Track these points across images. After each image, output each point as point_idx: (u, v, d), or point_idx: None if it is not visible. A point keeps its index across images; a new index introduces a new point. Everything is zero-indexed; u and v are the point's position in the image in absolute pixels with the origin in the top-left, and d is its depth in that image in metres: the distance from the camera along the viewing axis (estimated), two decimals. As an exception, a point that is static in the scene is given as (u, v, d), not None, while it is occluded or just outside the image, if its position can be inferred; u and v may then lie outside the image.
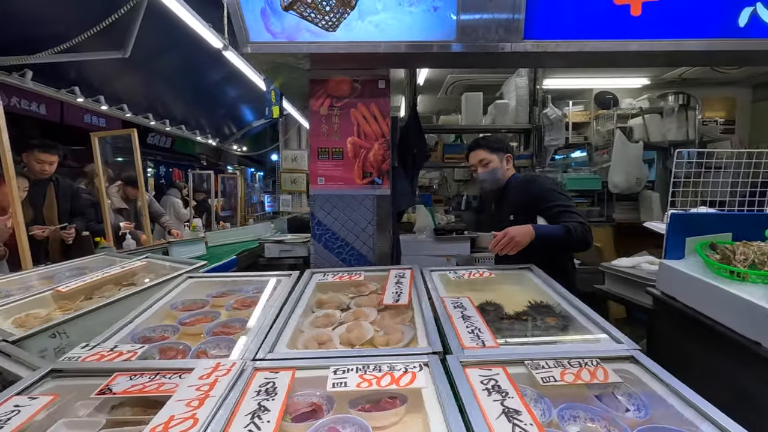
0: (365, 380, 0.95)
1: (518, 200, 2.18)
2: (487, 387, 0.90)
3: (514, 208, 2.20)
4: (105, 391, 0.92)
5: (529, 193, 2.15)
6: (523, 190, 2.19)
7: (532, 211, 2.15)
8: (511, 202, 2.22)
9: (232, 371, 0.97)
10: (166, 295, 1.54)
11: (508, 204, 2.24)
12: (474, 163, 2.24)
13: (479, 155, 2.22)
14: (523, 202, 2.16)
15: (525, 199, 2.15)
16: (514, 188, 2.23)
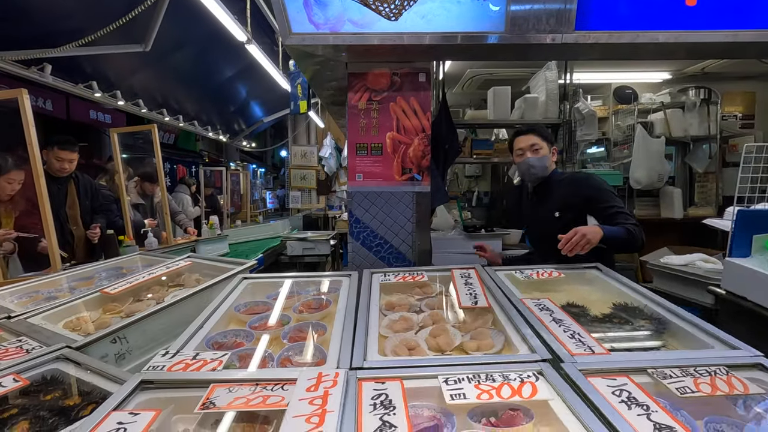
0: (484, 391, 0.89)
1: (568, 197, 2.09)
2: (622, 399, 0.84)
3: (561, 205, 2.11)
4: (207, 405, 0.85)
5: (582, 191, 2.06)
6: (574, 187, 2.11)
7: (580, 210, 2.08)
8: (558, 198, 2.13)
9: (339, 383, 0.90)
10: (227, 298, 1.46)
11: (552, 200, 2.15)
12: (524, 147, 2.12)
13: (531, 139, 2.12)
14: (574, 199, 2.07)
15: (577, 197, 2.06)
16: (561, 184, 2.16)
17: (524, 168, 2.15)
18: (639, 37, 2.16)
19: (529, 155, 2.10)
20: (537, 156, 2.10)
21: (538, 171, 2.13)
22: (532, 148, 2.10)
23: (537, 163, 2.11)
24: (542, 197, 2.21)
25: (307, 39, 2.21)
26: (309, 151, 7.85)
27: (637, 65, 5.04)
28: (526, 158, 2.11)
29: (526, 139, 2.13)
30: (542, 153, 2.11)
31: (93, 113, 7.13)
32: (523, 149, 2.12)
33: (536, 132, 2.14)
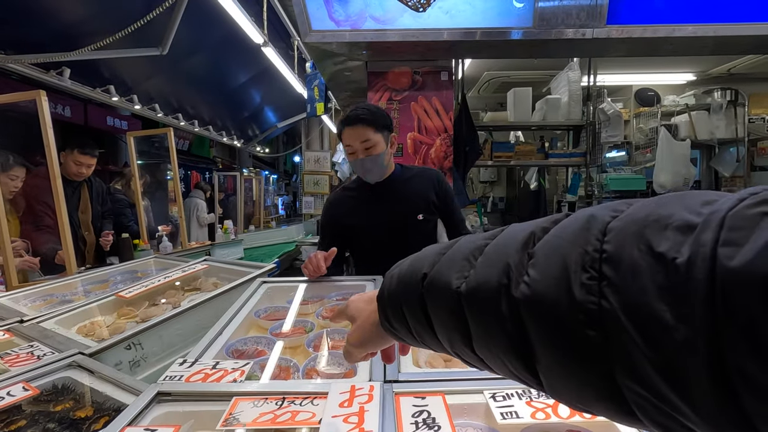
0: (539, 410, 0.79)
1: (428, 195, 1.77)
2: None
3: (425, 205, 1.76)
4: (231, 421, 0.76)
5: (439, 191, 1.78)
6: (427, 185, 1.79)
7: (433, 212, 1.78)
8: (415, 197, 1.76)
9: (375, 397, 0.81)
10: (246, 303, 1.39)
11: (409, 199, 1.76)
12: (354, 145, 1.64)
13: (362, 133, 1.62)
14: (429, 200, 1.76)
15: (431, 198, 1.76)
16: (413, 180, 1.79)
17: (358, 169, 1.73)
18: (676, 31, 2.06)
19: (361, 154, 1.64)
20: (372, 154, 1.64)
21: (377, 172, 1.71)
22: (364, 145, 1.63)
23: (372, 165, 1.67)
24: (391, 197, 1.77)
25: (327, 36, 2.16)
26: (322, 157, 7.82)
27: (660, 66, 4.91)
28: (358, 158, 1.66)
29: (353, 133, 1.63)
30: (378, 150, 1.64)
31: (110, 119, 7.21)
32: (353, 147, 1.65)
33: (366, 122, 1.62)
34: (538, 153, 3.44)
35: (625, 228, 0.28)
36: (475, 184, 7.63)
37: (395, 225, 1.75)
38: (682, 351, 0.23)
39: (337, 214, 1.84)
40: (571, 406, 0.33)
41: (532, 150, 3.44)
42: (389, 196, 1.77)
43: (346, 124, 1.66)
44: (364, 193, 1.80)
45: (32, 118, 2.39)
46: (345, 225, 1.82)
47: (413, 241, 1.67)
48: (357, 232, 1.81)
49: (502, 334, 0.34)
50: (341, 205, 1.85)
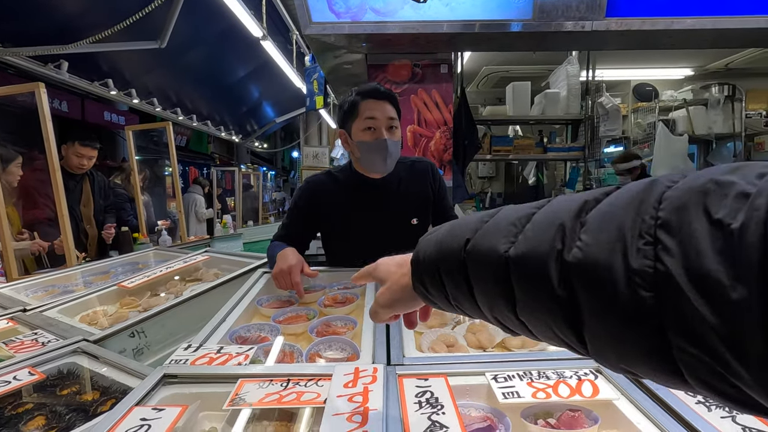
0: (539, 390, 0.80)
1: (421, 193, 1.59)
2: (699, 400, 0.75)
3: (417, 206, 1.58)
4: (237, 401, 0.78)
5: (436, 184, 1.61)
6: (425, 178, 1.60)
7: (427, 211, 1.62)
8: (410, 196, 1.57)
9: (378, 378, 0.83)
10: (248, 292, 1.40)
11: (402, 199, 1.56)
12: (380, 119, 1.41)
13: (389, 110, 1.42)
14: (426, 196, 1.59)
15: (431, 192, 1.60)
16: (409, 175, 1.59)
17: (376, 151, 1.42)
18: (674, 24, 2.07)
19: (386, 134, 1.41)
20: (395, 138, 1.44)
21: (394, 160, 1.49)
22: (391, 123, 1.42)
23: (395, 150, 1.45)
24: (383, 196, 1.55)
25: (327, 28, 2.16)
26: (321, 152, 7.81)
27: (658, 61, 4.92)
28: (382, 138, 1.40)
29: (380, 106, 1.41)
30: (398, 135, 1.46)
31: (107, 114, 7.18)
32: (378, 122, 1.40)
33: (393, 101, 1.44)
34: (536, 147, 3.45)
35: (681, 197, 0.29)
36: (474, 180, 7.65)
37: (385, 228, 1.54)
38: (738, 310, 0.24)
39: (319, 201, 1.58)
40: (614, 368, 0.34)
41: (531, 144, 3.45)
42: (384, 195, 1.55)
43: (371, 95, 1.41)
44: (356, 186, 1.56)
45: (29, 113, 2.39)
46: (325, 217, 1.58)
47: (402, 245, 1.56)
48: (338, 228, 1.60)
49: (550, 299, 0.34)
50: (325, 193, 1.58)
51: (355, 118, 1.43)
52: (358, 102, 1.42)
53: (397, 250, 1.59)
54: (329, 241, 1.71)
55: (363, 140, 1.43)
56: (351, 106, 1.43)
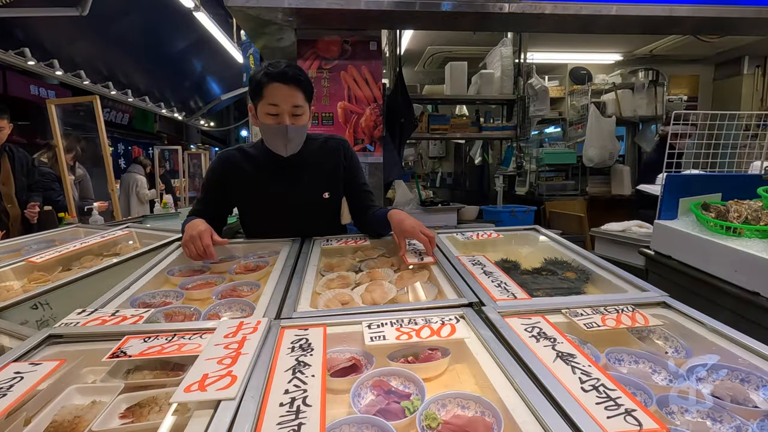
0: (404, 333, 0.90)
1: (333, 169, 1.65)
2: (533, 334, 0.88)
3: (328, 181, 1.64)
4: (118, 354, 0.82)
5: (348, 161, 1.66)
6: (336, 155, 1.65)
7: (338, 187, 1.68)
8: (320, 171, 1.62)
9: (259, 329, 0.89)
10: (160, 262, 1.42)
11: (313, 175, 1.61)
12: (282, 106, 1.41)
13: (295, 97, 1.41)
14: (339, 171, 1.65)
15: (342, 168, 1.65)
16: (320, 151, 1.64)
17: (277, 136, 1.45)
18: (582, 9, 2.21)
19: (287, 119, 1.42)
20: (299, 123, 1.45)
21: (296, 145, 1.51)
22: (294, 111, 1.43)
23: (296, 136, 1.47)
24: (294, 173, 1.59)
25: (251, 1, 2.13)
26: (271, 131, 7.64)
27: (591, 46, 5.18)
28: (283, 124, 1.41)
29: (286, 92, 1.39)
30: (304, 120, 1.47)
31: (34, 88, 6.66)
32: (281, 108, 1.41)
33: (302, 84, 1.42)
34: (472, 126, 3.59)
35: None
36: (425, 160, 7.79)
37: (298, 201, 1.59)
38: None
39: (231, 176, 1.59)
40: None
41: (467, 123, 3.58)
42: (295, 171, 1.58)
43: (276, 79, 1.37)
44: (267, 161, 1.57)
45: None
46: (238, 191, 1.60)
47: (315, 220, 1.61)
48: (252, 202, 1.62)
49: None
50: (237, 167, 1.58)
51: (260, 99, 1.42)
52: (263, 84, 1.40)
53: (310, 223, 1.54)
54: (245, 215, 1.74)
55: (265, 123, 1.45)
56: (257, 85, 1.41)
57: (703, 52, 5.31)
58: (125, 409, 0.72)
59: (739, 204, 1.70)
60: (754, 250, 1.43)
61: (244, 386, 0.71)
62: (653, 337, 0.97)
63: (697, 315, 0.96)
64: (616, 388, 0.69)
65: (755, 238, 1.54)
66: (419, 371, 0.83)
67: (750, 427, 0.66)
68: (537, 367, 0.75)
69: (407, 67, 5.74)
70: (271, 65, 1.41)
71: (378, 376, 0.82)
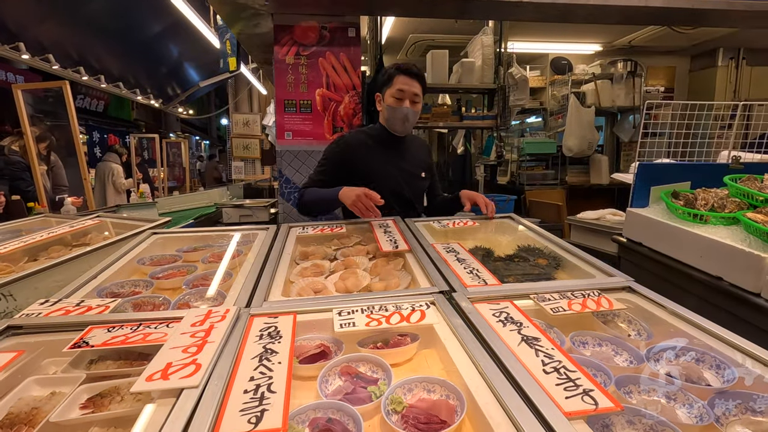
0: (374, 320, 0.91)
1: (425, 158, 2.02)
2: (500, 319, 0.89)
3: (424, 166, 2.00)
4: (80, 344, 0.80)
5: (430, 155, 2.07)
6: (425, 148, 2.08)
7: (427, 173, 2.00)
8: (418, 158, 1.99)
9: (227, 318, 0.89)
10: (130, 251, 1.39)
11: (414, 159, 1.97)
12: (407, 92, 1.75)
13: (416, 87, 1.77)
14: (428, 161, 2.03)
15: (429, 159, 2.05)
16: (414, 143, 2.02)
17: (398, 116, 1.79)
18: (560, -3, 2.21)
19: (408, 104, 1.77)
20: (415, 109, 1.80)
21: (410, 126, 1.87)
22: (414, 98, 1.78)
23: (412, 118, 1.82)
24: (402, 153, 1.94)
25: (224, -17, 2.07)
26: (252, 119, 7.52)
27: (572, 36, 5.21)
28: (405, 107, 1.76)
29: (412, 84, 1.76)
30: (418, 108, 1.83)
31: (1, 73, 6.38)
32: (405, 94, 1.76)
33: (422, 81, 1.80)
34: (453, 115, 3.59)
35: None
36: (408, 149, 7.77)
37: (405, 177, 1.89)
38: None
39: (353, 154, 1.87)
40: None
41: (448, 112, 3.58)
42: (404, 151, 1.93)
43: (406, 72, 1.75)
44: (385, 142, 1.89)
45: None
46: (357, 166, 1.86)
47: (413, 194, 1.94)
48: (367, 176, 1.86)
49: None
50: (360, 146, 1.88)
51: (389, 87, 1.78)
52: (394, 74, 1.77)
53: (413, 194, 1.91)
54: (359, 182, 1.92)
55: (391, 105, 1.78)
56: (388, 76, 1.79)
57: (679, 43, 5.40)
58: (86, 400, 0.71)
59: (706, 192, 1.75)
60: (718, 237, 1.48)
61: (208, 374, 0.70)
62: (617, 320, 0.99)
63: (660, 299, 0.99)
64: (577, 369, 0.71)
65: (720, 225, 1.59)
66: (388, 357, 0.84)
67: (702, 405, 0.69)
68: (502, 350, 0.77)
69: (389, 55, 5.69)
70: (404, 63, 1.79)
71: (346, 363, 0.82)
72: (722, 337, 0.83)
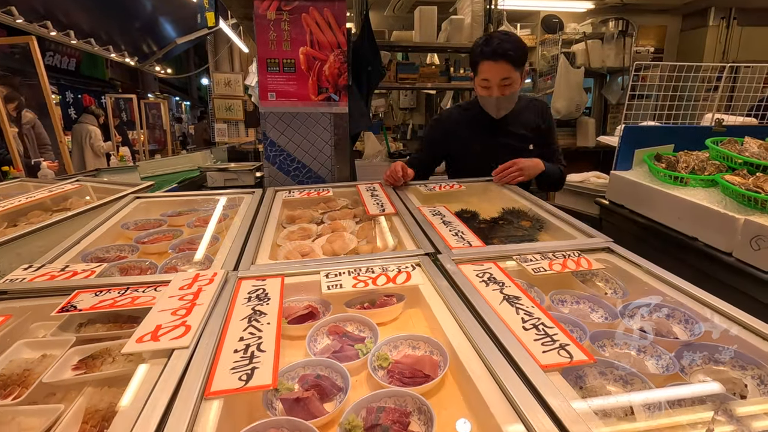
0: (360, 281, 0.93)
1: (536, 126, 1.81)
2: (483, 279, 0.92)
3: (533, 136, 1.81)
4: (68, 308, 0.81)
5: (547, 121, 1.84)
6: (540, 114, 1.84)
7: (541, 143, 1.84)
8: (526, 127, 1.80)
9: (215, 281, 0.89)
10: (114, 215, 1.37)
11: (521, 130, 1.80)
12: (492, 80, 1.60)
13: (503, 70, 1.57)
14: (542, 128, 1.83)
15: (543, 126, 1.83)
16: (526, 110, 1.82)
17: (489, 106, 1.70)
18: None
19: (496, 92, 1.62)
20: (507, 93, 1.63)
21: (506, 110, 1.72)
22: (503, 83, 1.60)
23: (505, 104, 1.67)
24: (506, 126, 1.80)
25: (197, -71, 1.92)
26: (233, 79, 7.24)
27: (563, -7, 5.06)
28: (493, 96, 1.63)
29: (496, 69, 1.57)
30: (514, 88, 1.62)
31: (-40, 28, 5.95)
32: (491, 82, 1.61)
33: (510, 59, 1.56)
34: (441, 75, 3.51)
35: None
36: (396, 111, 7.64)
37: (508, 152, 1.75)
38: None
39: (447, 134, 1.84)
40: None
41: (436, 72, 3.49)
42: (506, 126, 1.78)
43: (488, 57, 1.57)
44: (482, 118, 1.77)
45: None
46: (454, 146, 1.83)
47: None
48: (464, 155, 1.82)
49: None
50: (455, 124, 1.83)
51: (476, 74, 1.66)
52: (477, 61, 1.62)
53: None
54: (459, 163, 1.92)
55: (479, 94, 1.70)
56: (473, 62, 1.67)
57: (671, 1, 5.29)
58: (78, 361, 0.72)
59: (688, 155, 1.78)
60: (696, 199, 1.52)
61: (198, 335, 0.72)
62: (595, 279, 1.03)
63: (637, 259, 1.03)
64: (554, 326, 0.74)
65: (699, 188, 1.63)
66: (374, 316, 0.86)
67: (669, 356, 0.74)
68: (484, 309, 0.80)
69: (376, 11, 5.47)
70: (486, 42, 1.58)
71: (334, 322, 0.85)
72: (693, 294, 0.88)
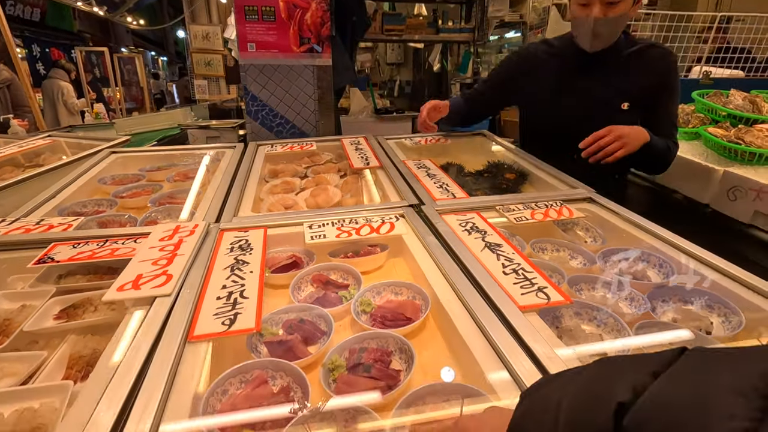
0: (344, 232, 0.92)
1: (644, 81, 1.32)
2: (466, 228, 0.92)
3: (634, 92, 1.33)
4: (45, 260, 0.79)
5: (662, 78, 1.33)
6: (654, 65, 1.33)
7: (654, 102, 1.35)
8: (628, 79, 1.33)
9: (197, 232, 0.88)
10: (90, 170, 1.32)
11: (619, 82, 1.33)
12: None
13: None
14: (652, 84, 1.33)
15: (656, 83, 1.33)
16: (633, 57, 1.33)
17: (583, 31, 1.27)
18: None
19: (597, 11, 1.20)
20: (612, 14, 1.20)
21: (606, 39, 1.28)
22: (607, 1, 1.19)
23: (605, 29, 1.24)
24: (599, 76, 1.35)
25: None
26: (212, 32, 6.86)
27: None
28: (593, 17, 1.20)
29: None
30: (620, 9, 1.20)
31: None
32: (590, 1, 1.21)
33: None
34: (428, 27, 3.38)
35: None
36: (382, 67, 7.41)
37: (592, 109, 1.35)
38: None
39: (525, 70, 1.44)
40: None
41: (423, 24, 3.36)
42: (599, 71, 1.34)
43: None
44: (569, 58, 1.37)
45: None
46: (526, 88, 1.45)
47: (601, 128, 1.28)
48: (535, 103, 1.46)
49: None
50: (533, 62, 1.43)
51: None
52: None
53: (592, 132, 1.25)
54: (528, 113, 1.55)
55: (574, 16, 1.28)
56: None
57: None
58: (59, 311, 0.72)
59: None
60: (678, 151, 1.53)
61: (180, 284, 0.72)
62: (576, 228, 1.05)
63: (617, 208, 1.05)
64: (533, 270, 0.76)
65: (682, 140, 1.63)
66: (358, 265, 0.87)
67: (641, 297, 0.76)
68: (465, 256, 0.81)
69: (361, -43, 5.15)
70: None
71: (317, 271, 0.85)
72: (668, 239, 0.90)
